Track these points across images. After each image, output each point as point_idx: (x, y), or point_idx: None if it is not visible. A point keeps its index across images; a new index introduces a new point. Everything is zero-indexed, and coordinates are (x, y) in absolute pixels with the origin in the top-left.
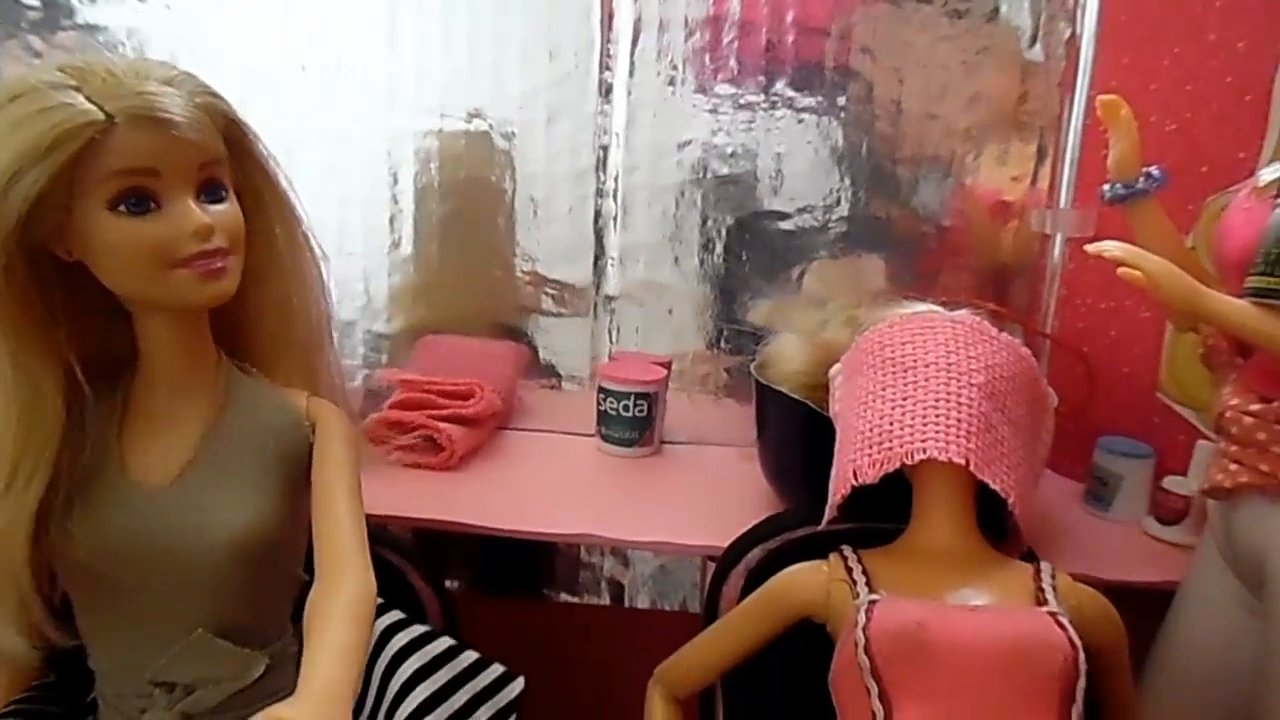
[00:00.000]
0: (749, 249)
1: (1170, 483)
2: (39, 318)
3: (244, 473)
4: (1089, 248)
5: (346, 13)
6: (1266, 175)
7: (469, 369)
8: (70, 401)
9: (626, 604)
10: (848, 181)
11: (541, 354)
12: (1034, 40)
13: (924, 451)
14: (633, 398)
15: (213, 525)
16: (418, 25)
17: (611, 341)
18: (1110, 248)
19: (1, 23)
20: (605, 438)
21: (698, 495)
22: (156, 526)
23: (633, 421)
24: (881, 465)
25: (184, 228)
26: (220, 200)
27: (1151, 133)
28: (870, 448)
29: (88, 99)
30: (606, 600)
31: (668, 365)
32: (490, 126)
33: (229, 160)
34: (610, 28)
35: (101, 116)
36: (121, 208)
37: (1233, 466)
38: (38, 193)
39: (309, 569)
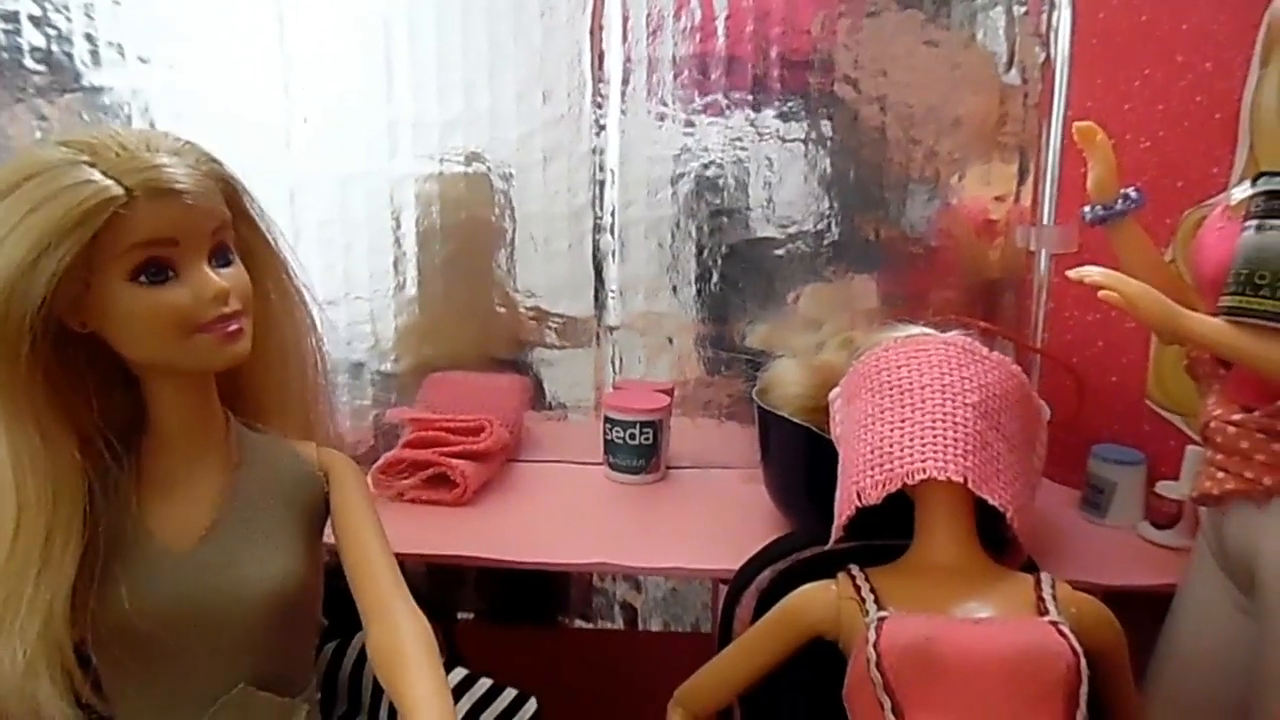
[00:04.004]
0: (744, 276)
1: (1163, 487)
2: (61, 390)
3: (268, 527)
4: (1070, 273)
5: (345, 65)
6: (1237, 194)
7: (475, 404)
8: (92, 467)
9: (640, 627)
10: (837, 207)
11: (547, 386)
12: (1010, 64)
13: (924, 471)
14: (638, 426)
15: (247, 581)
16: (414, 74)
17: (615, 371)
18: (1090, 273)
19: (7, 88)
20: (613, 466)
21: (706, 519)
22: (192, 588)
23: (639, 449)
24: (884, 486)
25: (204, 294)
26: (229, 263)
27: (1127, 150)
28: (872, 469)
29: (104, 174)
30: (620, 624)
31: (670, 392)
32: (489, 168)
33: (231, 221)
34: (601, 68)
35: (121, 191)
36: (142, 278)
37: (1219, 474)
38: (63, 270)
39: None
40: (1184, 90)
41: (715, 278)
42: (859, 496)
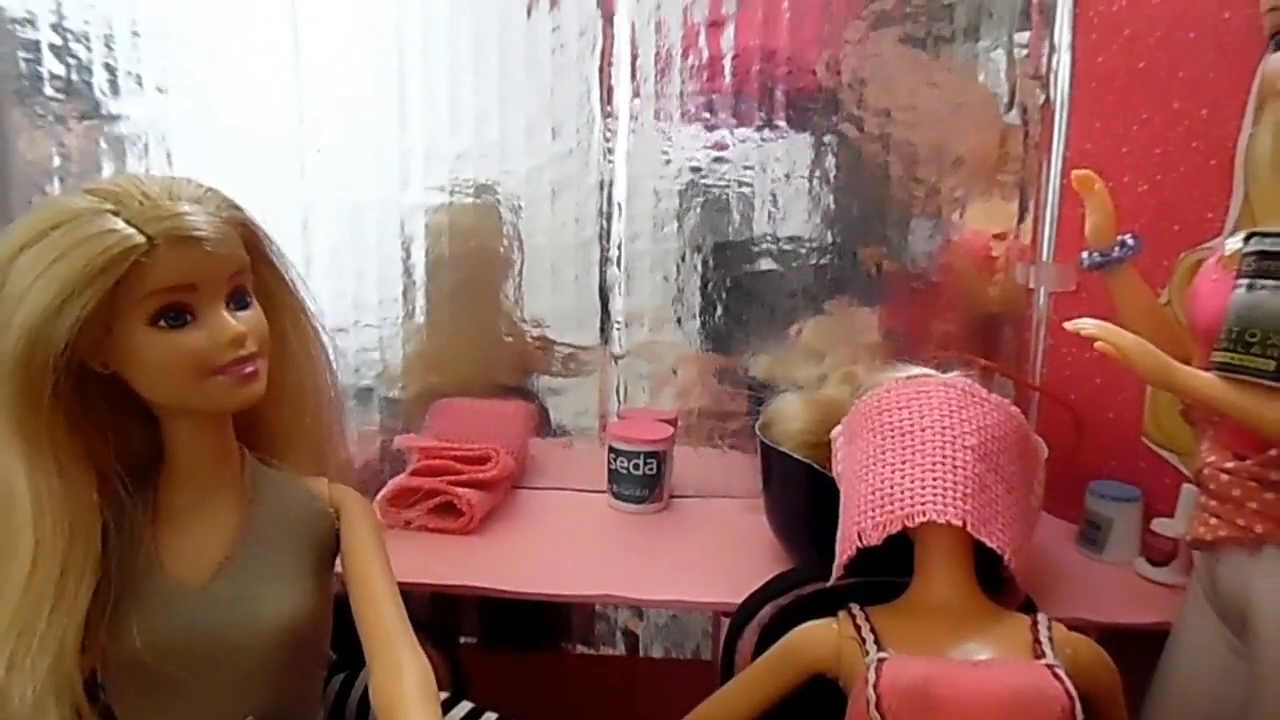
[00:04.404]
0: (747, 308)
1: (1159, 525)
2: (81, 429)
3: (280, 563)
4: (1066, 325)
5: (358, 97)
6: (1231, 245)
7: (482, 430)
8: (108, 504)
9: (641, 654)
10: (840, 241)
11: (552, 413)
12: (1010, 105)
13: (923, 514)
14: (642, 456)
15: (259, 616)
16: (427, 106)
17: (620, 400)
18: (1085, 325)
19: (27, 114)
20: (616, 495)
21: (708, 550)
22: (204, 623)
23: (642, 479)
24: (884, 527)
25: (220, 338)
26: (246, 306)
27: (1125, 193)
28: (873, 510)
29: (127, 223)
30: (622, 651)
31: (674, 422)
32: (498, 200)
33: (249, 265)
34: (610, 104)
35: (143, 240)
36: (161, 323)
37: (1212, 520)
38: (86, 315)
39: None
40: (1180, 136)
41: (719, 310)
42: (860, 537)
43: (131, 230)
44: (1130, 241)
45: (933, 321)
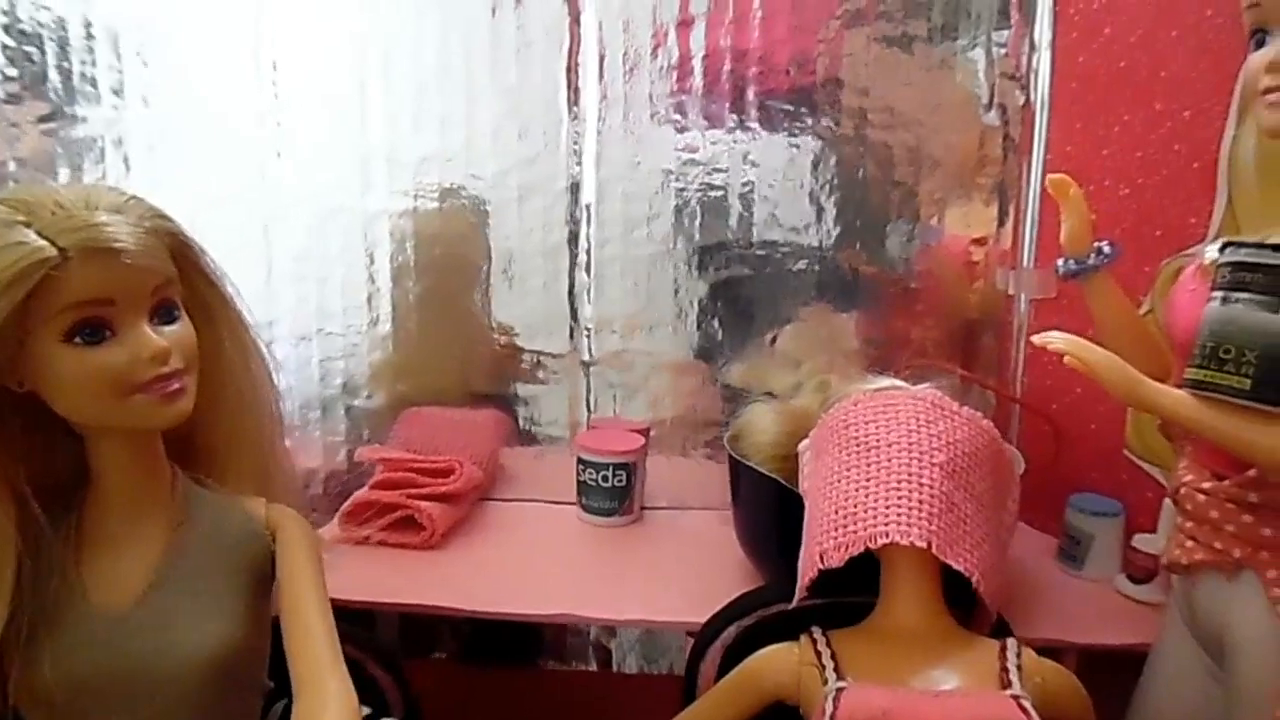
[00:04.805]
0: (721, 314)
1: (1140, 540)
2: None
3: (210, 588)
4: (1035, 339)
5: (320, 100)
6: (1210, 252)
7: (450, 440)
8: (23, 530)
9: (614, 669)
10: (815, 246)
11: (522, 421)
12: (990, 106)
13: (886, 535)
14: (611, 468)
15: (184, 644)
16: (390, 109)
17: (590, 409)
18: (1055, 339)
19: None
20: (585, 508)
21: (678, 565)
22: (126, 651)
23: (612, 491)
24: (846, 548)
25: (141, 354)
26: (173, 320)
27: (1105, 197)
28: (835, 530)
29: (39, 234)
30: (594, 666)
31: (646, 432)
32: (464, 205)
33: (178, 277)
34: (577, 105)
35: (55, 252)
36: (77, 339)
37: (1189, 543)
38: None
39: (271, 675)
40: (1162, 138)
41: (692, 316)
42: (822, 559)
43: (43, 242)
44: (1107, 249)
45: (912, 328)
